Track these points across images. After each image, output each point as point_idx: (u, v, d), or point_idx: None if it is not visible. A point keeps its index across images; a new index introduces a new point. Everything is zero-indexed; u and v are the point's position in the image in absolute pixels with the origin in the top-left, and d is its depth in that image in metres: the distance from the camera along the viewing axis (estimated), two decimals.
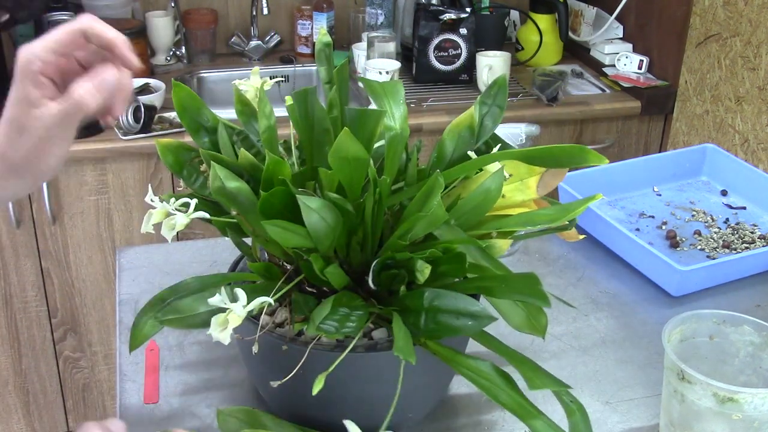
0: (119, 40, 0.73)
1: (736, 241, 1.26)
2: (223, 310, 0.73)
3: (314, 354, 0.76)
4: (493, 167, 0.80)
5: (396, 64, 2.08)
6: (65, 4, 2.16)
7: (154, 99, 2.00)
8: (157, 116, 1.96)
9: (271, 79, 0.91)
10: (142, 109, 1.88)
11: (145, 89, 2.06)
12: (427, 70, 2.22)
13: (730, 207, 1.35)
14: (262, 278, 0.83)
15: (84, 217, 1.97)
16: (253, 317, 0.77)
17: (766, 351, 0.86)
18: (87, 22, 0.72)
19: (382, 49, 2.13)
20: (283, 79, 2.40)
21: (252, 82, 0.88)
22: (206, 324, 0.75)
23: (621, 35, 2.39)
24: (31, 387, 2.15)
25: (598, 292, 1.16)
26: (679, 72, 2.11)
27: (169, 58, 2.34)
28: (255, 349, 0.77)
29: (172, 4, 2.33)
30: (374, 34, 2.20)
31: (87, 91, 0.71)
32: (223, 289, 0.74)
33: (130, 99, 0.76)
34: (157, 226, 0.77)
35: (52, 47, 0.71)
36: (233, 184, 0.77)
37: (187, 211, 0.77)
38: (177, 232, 0.78)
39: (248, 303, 0.72)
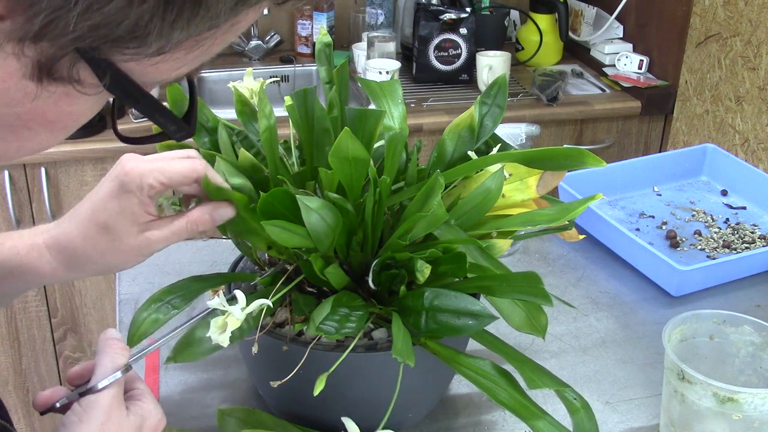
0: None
1: (736, 241, 1.26)
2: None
3: (314, 354, 0.76)
4: (494, 167, 0.80)
5: (396, 64, 2.08)
6: None
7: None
8: None
9: (269, 78, 0.91)
10: None
11: None
12: (427, 70, 2.22)
13: (730, 207, 1.35)
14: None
15: None
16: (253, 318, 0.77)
17: (766, 351, 0.86)
18: (203, 167, 0.73)
19: (382, 49, 2.13)
20: (281, 79, 2.40)
21: (246, 83, 0.88)
22: (214, 349, 0.76)
23: (621, 35, 2.39)
24: (31, 387, 2.15)
25: (598, 292, 1.16)
26: (679, 72, 2.11)
27: None
28: (255, 349, 0.77)
29: None
30: (374, 34, 2.20)
31: (203, 221, 0.75)
32: (221, 291, 0.74)
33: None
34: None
35: (165, 181, 0.72)
36: (236, 180, 0.77)
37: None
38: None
39: (247, 305, 0.72)
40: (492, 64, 2.14)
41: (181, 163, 0.73)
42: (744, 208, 1.35)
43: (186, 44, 0.44)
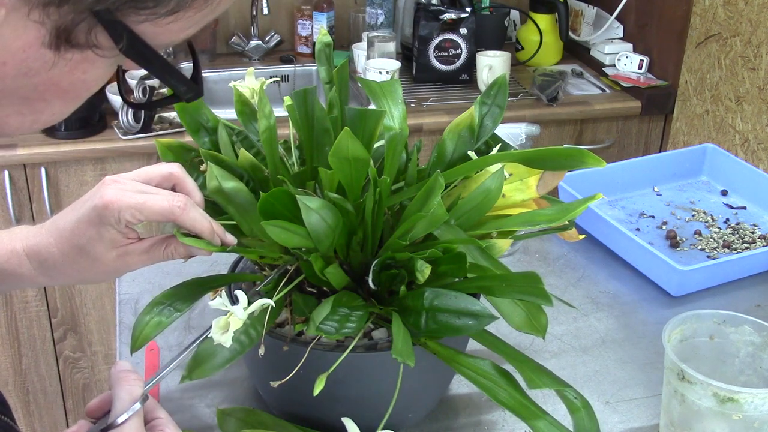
0: (197, 197, 0.77)
1: (736, 241, 1.26)
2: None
3: (314, 354, 0.76)
4: (494, 167, 0.80)
5: (396, 64, 2.08)
6: None
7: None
8: (157, 116, 1.96)
9: (269, 78, 0.91)
10: (147, 88, 1.87)
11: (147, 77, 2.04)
12: (427, 69, 2.22)
13: (730, 207, 1.35)
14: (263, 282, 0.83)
15: None
16: None
17: (766, 351, 0.86)
18: (181, 211, 0.73)
19: (382, 49, 2.13)
20: (281, 79, 2.40)
21: (247, 83, 0.88)
22: (227, 361, 0.76)
23: (621, 35, 2.39)
24: (31, 387, 2.15)
25: (598, 292, 1.16)
26: (679, 72, 2.11)
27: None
28: (261, 351, 0.77)
29: None
30: (374, 34, 2.20)
31: (178, 252, 0.77)
32: (223, 292, 0.73)
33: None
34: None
35: (142, 218, 0.72)
36: (230, 184, 0.77)
37: None
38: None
39: (248, 305, 0.72)
40: (492, 64, 2.14)
41: (160, 202, 0.72)
42: (744, 208, 1.35)
43: (197, 3, 0.46)
